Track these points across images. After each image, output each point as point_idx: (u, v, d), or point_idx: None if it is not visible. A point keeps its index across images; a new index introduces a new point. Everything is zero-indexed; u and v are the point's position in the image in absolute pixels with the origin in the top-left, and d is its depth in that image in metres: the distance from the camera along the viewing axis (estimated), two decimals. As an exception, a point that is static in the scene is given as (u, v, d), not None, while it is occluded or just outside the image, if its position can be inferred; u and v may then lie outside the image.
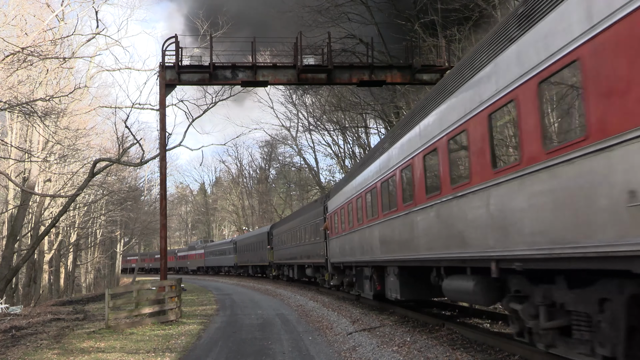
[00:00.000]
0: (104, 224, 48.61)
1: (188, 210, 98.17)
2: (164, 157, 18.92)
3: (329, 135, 43.84)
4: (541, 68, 5.85)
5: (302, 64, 18.63)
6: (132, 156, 36.06)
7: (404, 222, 10.99)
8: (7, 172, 25.91)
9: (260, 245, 41.06)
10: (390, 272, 12.92)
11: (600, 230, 4.91)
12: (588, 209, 5.07)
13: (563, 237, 5.46)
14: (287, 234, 31.96)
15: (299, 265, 29.29)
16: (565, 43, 5.42)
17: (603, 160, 4.87)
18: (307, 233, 26.37)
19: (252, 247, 44.60)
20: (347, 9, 26.53)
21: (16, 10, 21.33)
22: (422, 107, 10.16)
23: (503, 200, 6.74)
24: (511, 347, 7.90)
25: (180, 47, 18.46)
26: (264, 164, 69.18)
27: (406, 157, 10.74)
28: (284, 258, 33.27)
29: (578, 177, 5.24)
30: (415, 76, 19.06)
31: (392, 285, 12.76)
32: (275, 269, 37.27)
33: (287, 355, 9.65)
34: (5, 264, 25.34)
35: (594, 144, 5.00)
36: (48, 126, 22.86)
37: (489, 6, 18.71)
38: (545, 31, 5.81)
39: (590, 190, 5.04)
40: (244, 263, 48.41)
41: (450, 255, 8.52)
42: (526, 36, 6.19)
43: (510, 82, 6.49)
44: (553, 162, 5.62)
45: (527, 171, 6.12)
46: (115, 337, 12.59)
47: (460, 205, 8.04)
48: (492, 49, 7.15)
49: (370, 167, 14.10)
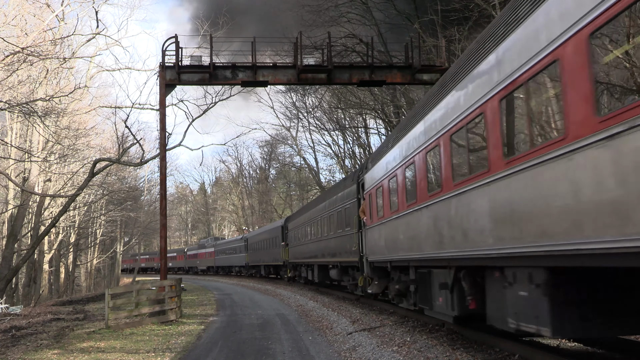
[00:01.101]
0: (104, 224, 48.62)
1: (188, 210, 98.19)
2: (164, 157, 18.92)
3: (329, 135, 43.89)
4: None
5: (302, 63, 18.63)
6: (132, 156, 36.09)
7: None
8: (7, 172, 25.92)
9: (274, 242, 36.42)
10: (517, 278, 6.41)
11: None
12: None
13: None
14: (305, 227, 26.64)
15: (320, 266, 23.80)
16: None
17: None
18: (331, 223, 20.75)
19: (264, 244, 39.67)
20: (347, 9, 26.54)
21: (16, 10, 21.33)
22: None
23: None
24: (511, 347, 7.89)
25: (180, 47, 18.46)
26: (264, 164, 69.28)
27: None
28: (302, 256, 27.97)
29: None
30: (415, 76, 19.05)
31: (521, 304, 6.31)
32: (291, 269, 32.18)
33: (287, 355, 9.65)
34: (5, 264, 25.34)
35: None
36: (48, 126, 22.87)
37: (488, 6, 18.71)
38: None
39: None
40: (255, 262, 44.02)
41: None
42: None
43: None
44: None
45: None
46: (115, 337, 12.60)
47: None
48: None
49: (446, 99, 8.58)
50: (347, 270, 19.12)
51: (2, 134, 30.71)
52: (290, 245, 31.51)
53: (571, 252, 5.12)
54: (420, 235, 9.82)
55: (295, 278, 31.66)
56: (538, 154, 5.65)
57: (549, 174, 5.46)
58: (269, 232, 39.22)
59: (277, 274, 38.96)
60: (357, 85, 19.93)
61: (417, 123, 10.08)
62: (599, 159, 4.67)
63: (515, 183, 6.18)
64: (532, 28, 5.84)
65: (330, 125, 41.59)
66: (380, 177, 13.09)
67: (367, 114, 35.86)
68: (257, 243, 42.81)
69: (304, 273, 28.38)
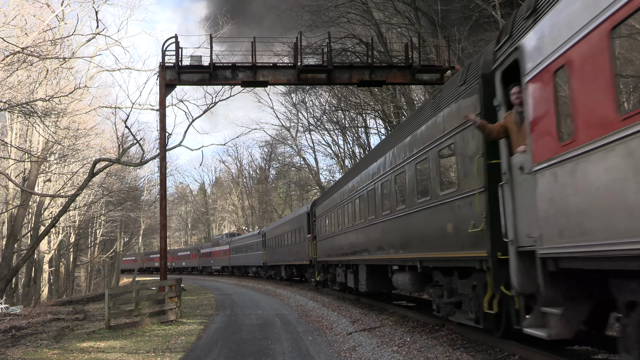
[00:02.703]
0: (104, 224, 48.63)
1: (188, 210, 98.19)
2: (164, 157, 18.92)
3: (329, 135, 43.88)
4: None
5: (302, 64, 18.64)
6: (132, 156, 36.10)
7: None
8: (7, 172, 25.92)
9: (297, 234, 28.29)
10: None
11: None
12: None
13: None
14: (343, 208, 17.82)
15: (371, 267, 15.07)
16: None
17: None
18: (406, 184, 10.90)
19: (285, 238, 31.79)
20: (347, 9, 26.54)
21: (16, 10, 21.32)
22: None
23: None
24: (511, 347, 7.88)
25: (180, 47, 18.46)
26: (263, 164, 69.24)
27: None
28: (336, 252, 19.22)
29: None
30: (415, 76, 19.05)
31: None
32: (321, 270, 23.50)
33: (287, 355, 9.64)
34: (5, 264, 25.34)
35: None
36: (48, 126, 22.86)
37: (489, 6, 18.71)
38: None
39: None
40: (275, 262, 35.85)
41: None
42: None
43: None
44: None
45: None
46: (115, 337, 12.59)
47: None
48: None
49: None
50: (428, 277, 10.49)
51: (2, 134, 30.71)
52: (319, 238, 23.14)
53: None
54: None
55: (327, 283, 22.93)
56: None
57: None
58: (291, 222, 30.57)
59: (301, 275, 30.25)
60: (357, 85, 19.93)
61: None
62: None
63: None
64: None
65: (330, 126, 41.62)
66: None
67: (367, 114, 35.88)
68: (277, 238, 34.57)
69: (340, 277, 19.55)
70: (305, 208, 27.82)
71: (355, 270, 16.88)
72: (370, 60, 19.62)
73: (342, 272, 19.16)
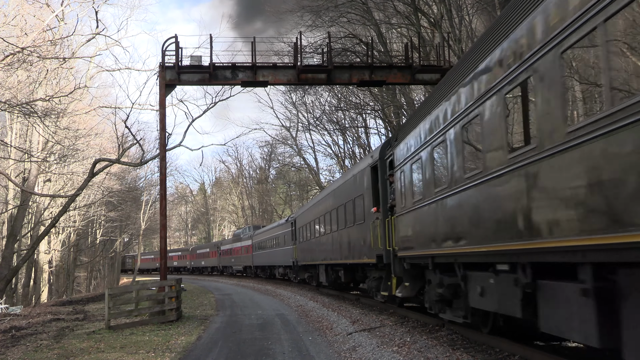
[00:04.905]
0: (103, 224, 48.63)
1: (188, 211, 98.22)
2: (164, 157, 18.91)
3: (329, 135, 43.87)
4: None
5: (302, 64, 18.61)
6: (132, 156, 36.10)
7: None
8: (7, 172, 25.92)
9: (349, 211, 17.14)
10: None
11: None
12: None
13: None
14: (446, 151, 8.85)
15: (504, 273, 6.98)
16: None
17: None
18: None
19: (327, 222, 20.52)
20: (347, 9, 26.55)
21: (16, 10, 21.34)
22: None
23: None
24: (511, 347, 7.89)
25: (180, 47, 18.45)
26: (264, 164, 69.23)
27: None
28: (445, 236, 9.05)
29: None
30: (415, 76, 19.03)
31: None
32: (401, 271, 12.30)
33: (287, 355, 9.65)
34: (5, 264, 25.34)
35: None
36: (48, 126, 22.85)
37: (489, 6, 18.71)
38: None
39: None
40: (309, 261, 24.83)
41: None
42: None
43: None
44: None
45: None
46: (115, 337, 12.59)
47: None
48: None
49: None
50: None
51: (2, 134, 30.73)
52: (399, 213, 12.17)
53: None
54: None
55: (421, 298, 12.00)
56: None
57: None
58: (337, 193, 19.22)
59: (354, 281, 19.65)
60: (357, 85, 19.90)
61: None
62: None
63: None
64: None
65: (330, 126, 41.60)
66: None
67: (367, 114, 35.89)
68: (310, 225, 24.25)
69: (443, 290, 9.74)
70: (368, 158, 15.77)
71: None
72: (370, 60, 19.60)
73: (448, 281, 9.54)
